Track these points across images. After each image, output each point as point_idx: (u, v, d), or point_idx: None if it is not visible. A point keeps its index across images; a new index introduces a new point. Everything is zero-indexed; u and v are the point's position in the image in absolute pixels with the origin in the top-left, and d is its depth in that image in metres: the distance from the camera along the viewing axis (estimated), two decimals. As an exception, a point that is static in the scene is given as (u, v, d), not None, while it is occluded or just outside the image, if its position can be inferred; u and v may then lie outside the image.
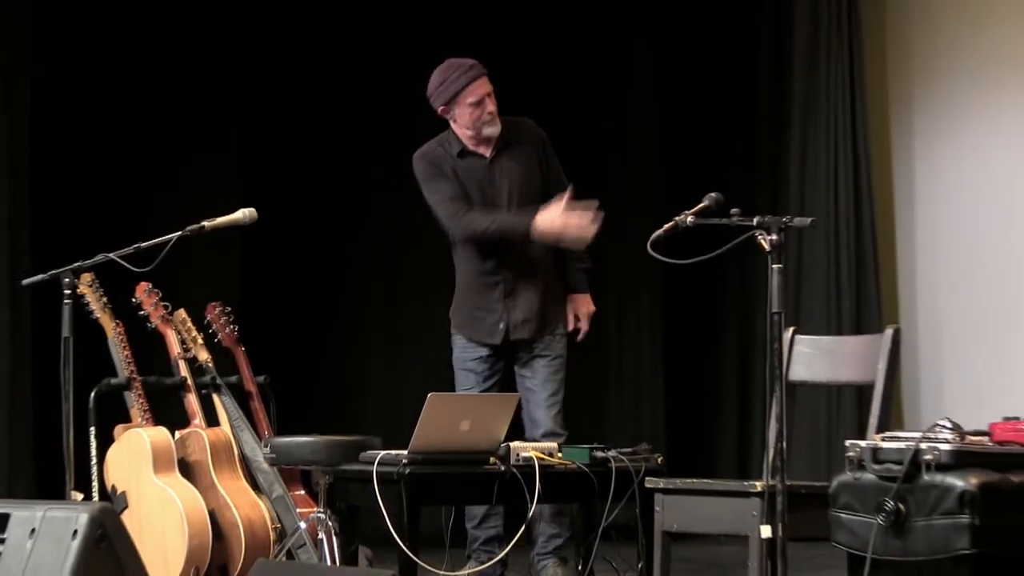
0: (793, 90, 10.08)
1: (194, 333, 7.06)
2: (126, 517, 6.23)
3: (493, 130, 6.94)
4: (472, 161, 7.01)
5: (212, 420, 6.96)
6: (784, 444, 4.81)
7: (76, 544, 5.09)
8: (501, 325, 6.96)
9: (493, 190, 7.00)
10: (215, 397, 7.00)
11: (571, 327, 7.09)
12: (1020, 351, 9.62)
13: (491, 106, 6.90)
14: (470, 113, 6.89)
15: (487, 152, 7.01)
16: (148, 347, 7.22)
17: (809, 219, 5.38)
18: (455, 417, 5.73)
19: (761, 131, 10.43)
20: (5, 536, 5.20)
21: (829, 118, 9.89)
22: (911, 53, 10.31)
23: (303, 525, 6.32)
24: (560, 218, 6.70)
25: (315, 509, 6.29)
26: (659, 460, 6.05)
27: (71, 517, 5.18)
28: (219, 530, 6.69)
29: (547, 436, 6.69)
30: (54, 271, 6.20)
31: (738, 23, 10.55)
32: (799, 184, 10.01)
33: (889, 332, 5.22)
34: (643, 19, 10.55)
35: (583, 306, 7.12)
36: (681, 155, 10.39)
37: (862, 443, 4.56)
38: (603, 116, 10.48)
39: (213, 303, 7.25)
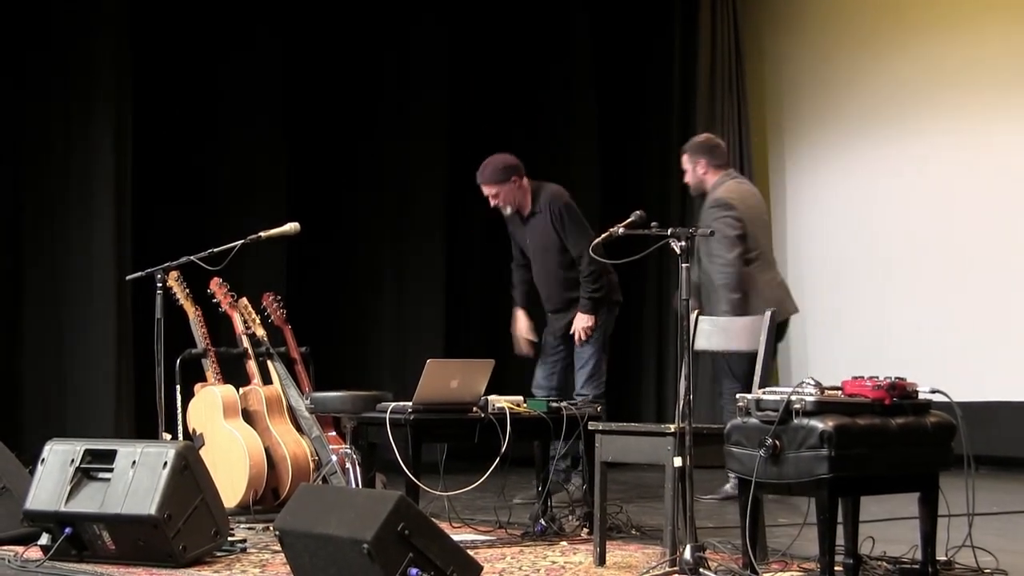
0: (696, 132, 10.06)
1: (253, 315, 7.03)
2: (203, 452, 6.20)
3: (505, 212, 7.46)
4: (515, 219, 7.53)
5: (267, 380, 6.94)
6: (691, 396, 4.81)
7: (166, 472, 5.10)
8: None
9: (526, 243, 7.53)
10: (269, 363, 6.96)
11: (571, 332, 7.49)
12: (864, 330, 9.67)
13: (492, 202, 7.41)
14: None
15: (525, 215, 7.48)
16: (219, 326, 7.19)
17: (709, 230, 5.37)
18: (447, 377, 5.72)
19: (675, 158, 10.40)
20: (113, 466, 5.21)
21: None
22: (781, 106, 10.37)
23: (334, 458, 6.30)
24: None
25: (343, 446, 6.28)
26: (598, 409, 6.05)
27: (162, 452, 5.19)
28: (272, 461, 6.67)
29: (579, 395, 7.18)
30: (149, 269, 6.20)
31: (654, 72, 10.53)
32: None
33: (768, 314, 5.21)
34: (584, 68, 10.50)
35: (576, 320, 7.42)
36: (613, 170, 10.36)
37: (748, 396, 4.56)
38: (552, 131, 10.41)
39: (267, 293, 7.22)
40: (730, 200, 7.29)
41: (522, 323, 7.71)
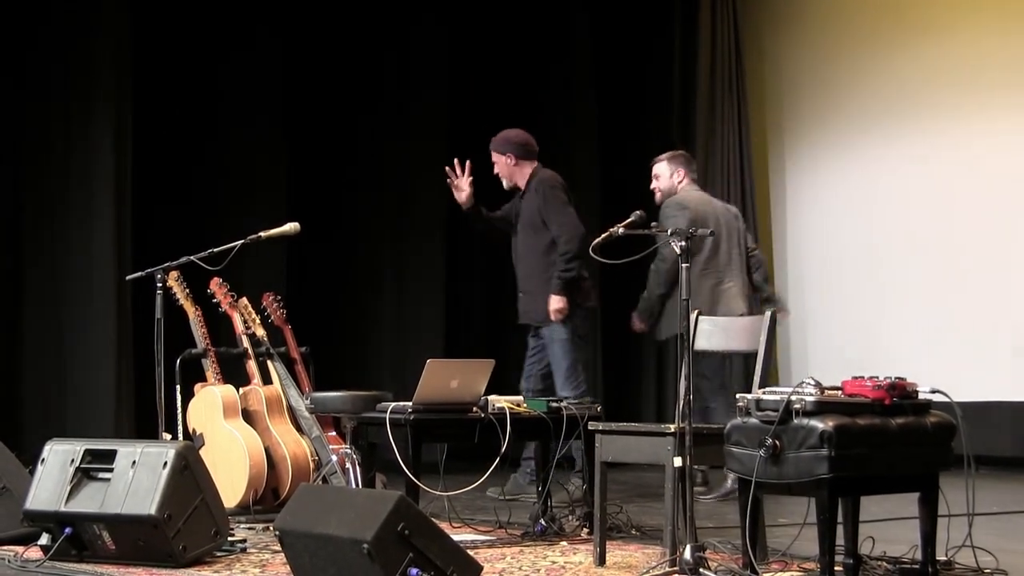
0: (696, 132, 10.07)
1: (253, 315, 7.03)
2: (203, 452, 6.20)
3: (504, 183, 7.67)
4: (515, 195, 7.71)
5: (267, 380, 6.93)
6: (690, 396, 4.81)
7: (166, 472, 5.10)
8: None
9: (517, 217, 7.64)
10: (269, 363, 6.96)
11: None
12: (864, 330, 9.67)
13: (495, 168, 7.64)
14: None
15: (521, 191, 7.64)
16: (219, 326, 7.19)
17: (709, 230, 5.37)
18: (447, 377, 5.71)
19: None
20: (113, 466, 5.20)
21: (723, 155, 9.90)
22: (781, 106, 10.37)
23: (334, 458, 6.29)
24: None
25: (343, 446, 6.27)
26: (598, 409, 6.03)
27: (162, 452, 5.18)
28: (272, 461, 6.67)
29: (562, 396, 6.99)
30: (149, 269, 6.20)
31: (654, 72, 10.51)
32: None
33: (768, 314, 5.21)
34: (584, 68, 10.50)
35: (550, 303, 7.41)
36: (613, 170, 10.34)
37: (748, 395, 4.56)
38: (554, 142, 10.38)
39: (267, 293, 7.22)
40: (683, 201, 7.53)
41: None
